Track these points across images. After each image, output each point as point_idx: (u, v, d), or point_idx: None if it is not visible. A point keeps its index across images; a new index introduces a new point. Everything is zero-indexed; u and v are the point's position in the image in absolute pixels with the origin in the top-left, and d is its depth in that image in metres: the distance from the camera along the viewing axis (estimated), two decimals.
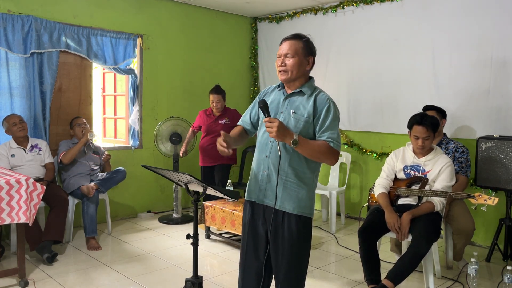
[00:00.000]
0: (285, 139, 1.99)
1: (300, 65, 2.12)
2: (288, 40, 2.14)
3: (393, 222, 3.06)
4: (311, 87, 2.16)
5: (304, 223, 2.14)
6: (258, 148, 2.24)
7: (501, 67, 4.05)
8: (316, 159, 2.09)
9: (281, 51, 2.14)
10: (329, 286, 3.35)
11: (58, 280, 3.33)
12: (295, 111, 2.11)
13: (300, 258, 2.16)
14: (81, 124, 4.42)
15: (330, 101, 2.11)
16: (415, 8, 4.61)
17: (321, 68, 5.45)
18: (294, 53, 2.10)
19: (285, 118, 2.12)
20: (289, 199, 2.12)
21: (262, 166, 2.18)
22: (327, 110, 2.08)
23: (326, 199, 5.12)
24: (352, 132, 5.29)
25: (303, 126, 2.08)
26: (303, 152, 2.04)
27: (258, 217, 2.22)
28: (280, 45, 2.17)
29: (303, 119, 2.09)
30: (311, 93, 2.14)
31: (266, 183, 2.16)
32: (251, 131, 2.36)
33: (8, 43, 4.16)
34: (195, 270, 2.52)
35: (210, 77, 5.73)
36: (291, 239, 2.12)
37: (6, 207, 3.00)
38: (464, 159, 3.67)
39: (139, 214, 5.24)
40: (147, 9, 5.21)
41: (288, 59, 2.11)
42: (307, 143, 2.03)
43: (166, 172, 2.41)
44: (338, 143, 2.07)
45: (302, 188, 2.13)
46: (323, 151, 2.04)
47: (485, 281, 3.43)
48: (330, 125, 2.07)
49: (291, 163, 2.11)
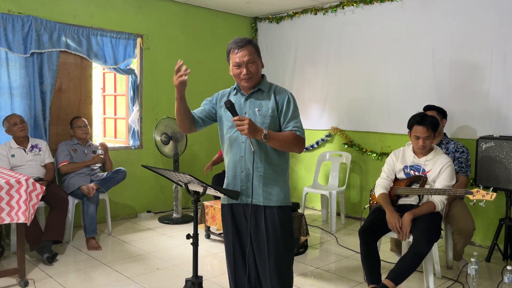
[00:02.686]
0: (256, 135, 2.05)
1: (259, 68, 2.22)
2: (245, 47, 2.17)
3: (394, 222, 3.05)
4: (267, 83, 2.26)
5: (285, 213, 2.25)
6: (229, 150, 2.26)
7: (501, 67, 4.05)
8: (286, 149, 2.20)
9: (240, 59, 2.16)
10: (329, 286, 3.35)
11: (58, 280, 3.33)
12: (259, 109, 2.20)
13: (287, 247, 2.24)
14: (82, 126, 4.42)
15: (288, 93, 2.23)
16: (415, 8, 4.61)
17: (321, 68, 5.45)
18: (254, 58, 2.19)
19: (250, 117, 2.17)
20: (271, 193, 2.21)
21: (239, 167, 2.23)
22: (288, 102, 2.20)
23: (326, 199, 5.12)
24: (352, 132, 5.29)
25: (270, 122, 2.18)
26: (274, 145, 2.13)
27: (239, 217, 2.29)
28: (232, 53, 2.19)
29: (269, 115, 2.18)
30: (269, 90, 2.24)
31: (246, 182, 2.22)
32: (198, 123, 2.33)
33: (8, 43, 4.16)
34: (195, 270, 2.51)
35: (210, 77, 5.73)
36: (276, 232, 2.20)
37: (5, 207, 3.00)
38: (464, 159, 3.67)
39: (139, 214, 5.24)
40: (147, 9, 5.21)
41: (251, 65, 2.17)
42: (277, 135, 2.12)
43: (166, 172, 2.41)
44: (303, 131, 2.20)
45: (279, 180, 2.24)
46: (291, 141, 2.15)
47: (485, 281, 3.43)
48: (293, 115, 2.19)
49: (266, 159, 2.20)
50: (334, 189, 4.93)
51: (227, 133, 2.27)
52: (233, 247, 2.31)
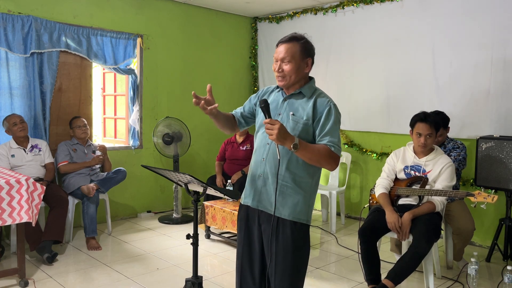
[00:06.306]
0: (285, 143, 1.87)
1: (298, 69, 2.02)
2: (285, 43, 2.03)
3: (394, 222, 3.05)
4: (311, 88, 2.07)
5: (300, 231, 2.04)
6: (255, 150, 2.16)
7: (501, 67, 4.05)
8: (316, 163, 1.99)
9: (277, 55, 2.03)
10: (329, 286, 3.35)
11: (58, 280, 3.33)
12: (294, 113, 2.02)
13: (295, 267, 2.05)
14: (81, 125, 4.41)
15: (331, 104, 2.01)
16: (415, 8, 4.60)
17: (321, 68, 5.45)
18: (291, 57, 2.00)
19: (283, 120, 2.03)
20: (285, 204, 2.03)
21: (259, 170, 2.09)
22: (328, 113, 1.99)
23: (326, 199, 5.12)
24: (352, 132, 5.29)
25: (301, 129, 2.00)
26: (303, 156, 1.94)
27: (253, 222, 2.13)
28: (276, 48, 2.07)
29: (302, 122, 2.00)
30: (311, 95, 2.05)
31: (262, 187, 2.07)
32: (241, 124, 2.26)
33: (8, 43, 4.16)
34: (195, 270, 2.52)
35: (210, 77, 5.74)
36: (285, 247, 2.02)
37: (7, 208, 3.00)
38: (456, 154, 3.62)
39: (139, 214, 5.24)
40: (147, 9, 5.21)
41: (285, 64, 2.01)
42: (307, 147, 1.92)
43: (166, 172, 2.41)
44: (339, 148, 1.98)
45: (299, 193, 2.03)
46: (323, 156, 1.94)
47: (485, 281, 3.43)
48: (331, 129, 1.98)
49: (289, 166, 2.02)
50: (334, 189, 4.93)
51: (258, 131, 2.15)
52: (242, 249, 2.18)
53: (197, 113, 5.01)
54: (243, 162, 4.87)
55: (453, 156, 3.60)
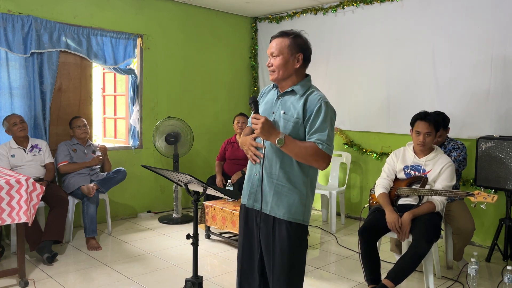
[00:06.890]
0: (270, 138, 1.92)
1: (286, 64, 2.01)
2: (275, 38, 2.05)
3: (393, 222, 3.05)
4: (304, 86, 2.05)
5: (296, 230, 2.02)
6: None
7: (501, 67, 4.05)
8: (303, 160, 1.97)
9: (268, 50, 2.06)
10: (329, 286, 3.35)
11: (58, 280, 3.33)
12: (285, 112, 2.01)
13: (292, 267, 2.04)
14: (81, 125, 4.41)
15: (322, 101, 1.98)
16: (415, 8, 4.60)
17: (321, 68, 5.45)
18: (279, 52, 2.01)
19: (276, 118, 2.03)
20: (280, 204, 2.02)
21: (255, 169, 2.10)
22: (318, 111, 1.96)
23: (326, 199, 5.12)
24: (352, 132, 5.29)
25: (292, 127, 1.98)
26: (289, 152, 1.94)
27: (252, 222, 2.14)
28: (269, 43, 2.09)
29: (293, 120, 1.98)
30: (303, 93, 2.02)
31: (257, 186, 2.08)
32: None
33: (8, 43, 4.15)
34: (195, 270, 2.52)
35: (210, 77, 5.74)
36: (282, 246, 2.01)
37: (6, 207, 3.00)
38: (457, 155, 3.62)
39: (139, 214, 5.24)
40: (147, 9, 5.21)
41: (274, 58, 2.03)
42: (294, 143, 1.92)
43: (166, 172, 2.41)
44: (328, 146, 1.94)
45: (294, 192, 2.02)
46: (310, 153, 1.92)
47: (485, 281, 3.43)
48: (320, 127, 1.94)
49: (283, 165, 2.01)
50: (334, 189, 4.93)
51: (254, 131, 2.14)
52: (242, 249, 2.19)
53: (197, 113, 5.01)
54: (243, 162, 4.87)
55: (453, 157, 3.60)
